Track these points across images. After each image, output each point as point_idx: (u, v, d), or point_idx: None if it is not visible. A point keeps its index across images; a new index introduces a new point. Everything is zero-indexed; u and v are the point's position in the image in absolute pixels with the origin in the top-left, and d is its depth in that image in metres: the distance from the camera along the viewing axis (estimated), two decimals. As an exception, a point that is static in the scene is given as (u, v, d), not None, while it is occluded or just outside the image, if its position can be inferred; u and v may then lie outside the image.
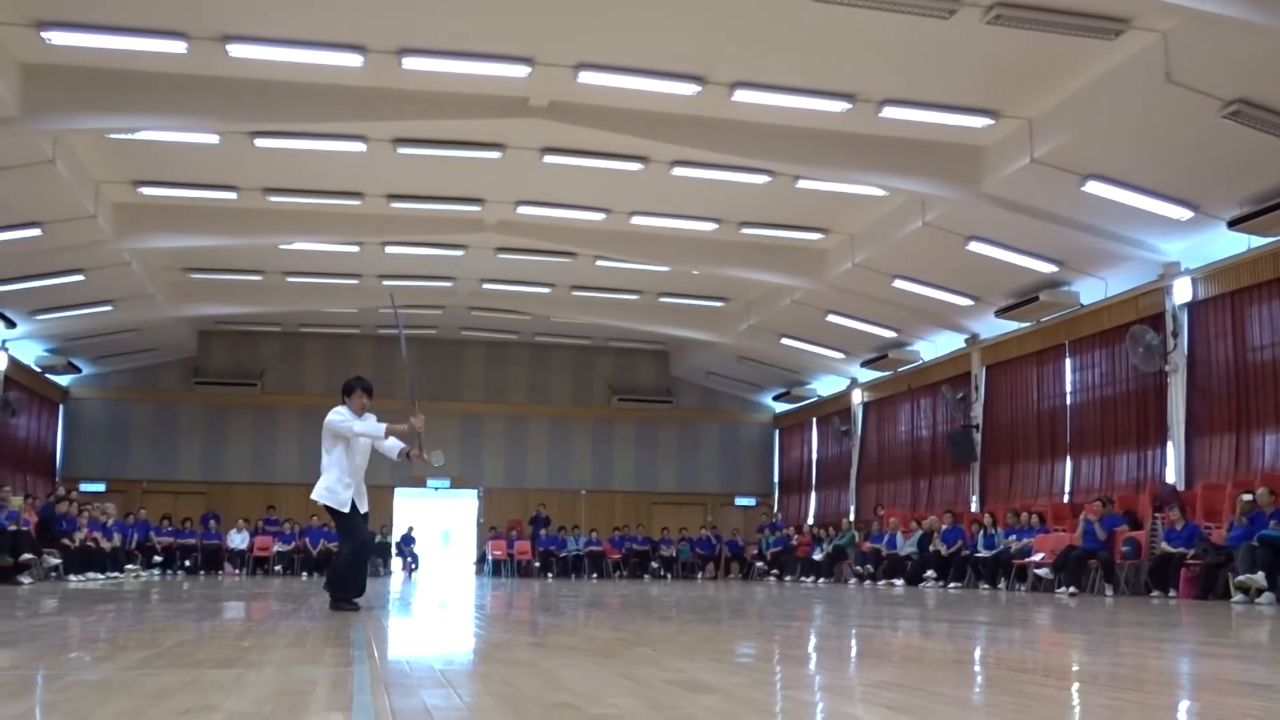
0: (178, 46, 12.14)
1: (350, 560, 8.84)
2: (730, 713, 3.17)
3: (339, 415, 8.63)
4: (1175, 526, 14.02)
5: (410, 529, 27.63)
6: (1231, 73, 11.49)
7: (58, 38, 11.87)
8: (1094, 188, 14.25)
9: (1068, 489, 18.71)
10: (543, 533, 26.33)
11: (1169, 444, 16.24)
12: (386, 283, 22.29)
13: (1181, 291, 15.97)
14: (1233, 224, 14.18)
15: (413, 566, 26.78)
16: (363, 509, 8.77)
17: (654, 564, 26.53)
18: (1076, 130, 13.29)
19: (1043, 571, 15.80)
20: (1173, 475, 15.99)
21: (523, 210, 17.85)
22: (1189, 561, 13.53)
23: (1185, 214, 14.59)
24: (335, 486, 8.60)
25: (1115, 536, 15.12)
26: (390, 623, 7.75)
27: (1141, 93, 12.07)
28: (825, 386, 27.60)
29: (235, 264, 21.24)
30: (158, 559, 22.85)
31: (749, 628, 7.55)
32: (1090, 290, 17.74)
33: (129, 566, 20.14)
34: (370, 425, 8.60)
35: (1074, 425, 18.75)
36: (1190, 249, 15.59)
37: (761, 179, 16.12)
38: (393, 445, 8.66)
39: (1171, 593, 13.56)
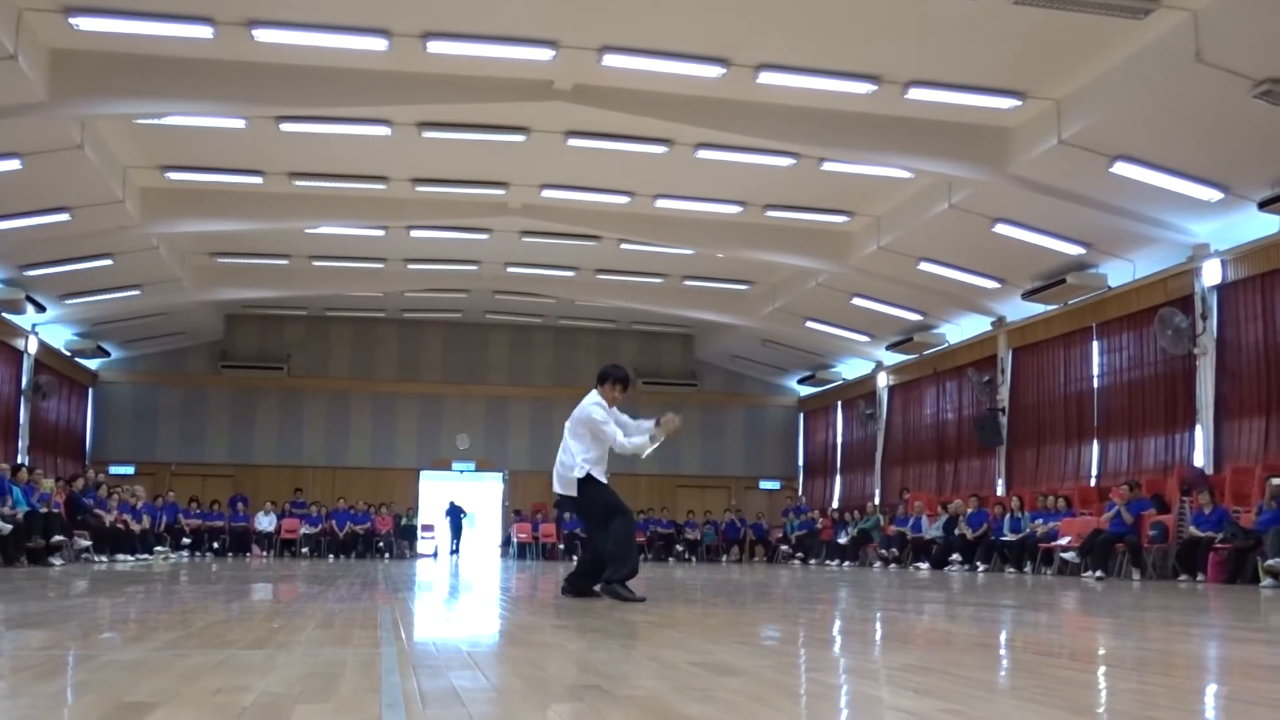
0: (204, 31, 12.19)
1: (620, 534, 8.00)
2: (757, 695, 3.17)
3: (600, 412, 8.41)
4: (1204, 510, 13.93)
5: (461, 512, 27.95)
6: (1262, 52, 11.34)
7: (85, 23, 11.94)
8: (1122, 169, 14.11)
9: (1095, 472, 18.61)
10: (567, 516, 26.37)
11: (1197, 427, 16.12)
12: (411, 266, 22.39)
13: (1211, 273, 15.82)
14: (1263, 205, 14.04)
15: (451, 548, 27.06)
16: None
17: (678, 547, 26.56)
18: (1105, 111, 13.16)
19: (1069, 555, 15.72)
20: (1201, 459, 15.87)
21: (547, 194, 17.84)
22: (1217, 546, 13.44)
23: (1215, 195, 14.44)
24: (584, 465, 8.29)
25: (1142, 520, 15.03)
26: (417, 605, 7.80)
27: (1171, 73, 11.93)
28: (850, 370, 27.54)
29: (261, 248, 21.36)
30: (186, 541, 23.05)
31: (774, 611, 7.56)
32: (1118, 272, 17.60)
33: (158, 548, 20.33)
34: (620, 438, 8.36)
35: (1101, 408, 18.62)
36: (1220, 230, 15.44)
37: (786, 161, 16.05)
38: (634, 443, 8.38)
39: (1199, 577, 13.47)
